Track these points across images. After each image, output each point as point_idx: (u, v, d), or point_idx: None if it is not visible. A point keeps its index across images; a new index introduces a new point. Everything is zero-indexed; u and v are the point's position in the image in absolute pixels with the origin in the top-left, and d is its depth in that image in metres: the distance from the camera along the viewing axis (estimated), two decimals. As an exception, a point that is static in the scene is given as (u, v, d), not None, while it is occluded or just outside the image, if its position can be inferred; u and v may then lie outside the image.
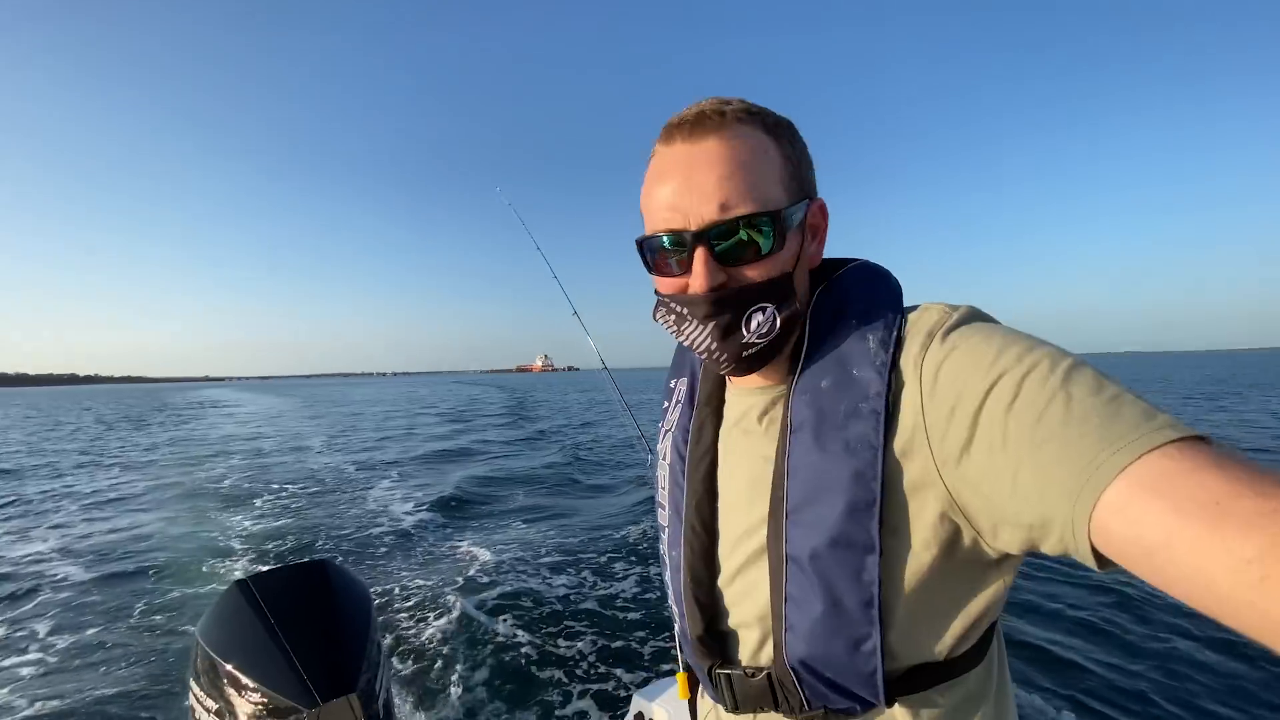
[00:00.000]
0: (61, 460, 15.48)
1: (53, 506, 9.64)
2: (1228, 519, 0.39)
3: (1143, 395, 0.51)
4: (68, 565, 6.63)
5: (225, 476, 12.10)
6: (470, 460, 13.84)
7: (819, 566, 0.63)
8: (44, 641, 4.77)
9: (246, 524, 8.14)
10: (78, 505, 9.71)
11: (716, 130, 0.65)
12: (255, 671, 1.52)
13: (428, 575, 5.98)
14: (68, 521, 8.58)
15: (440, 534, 7.61)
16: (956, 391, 0.57)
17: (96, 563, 6.69)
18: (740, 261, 0.66)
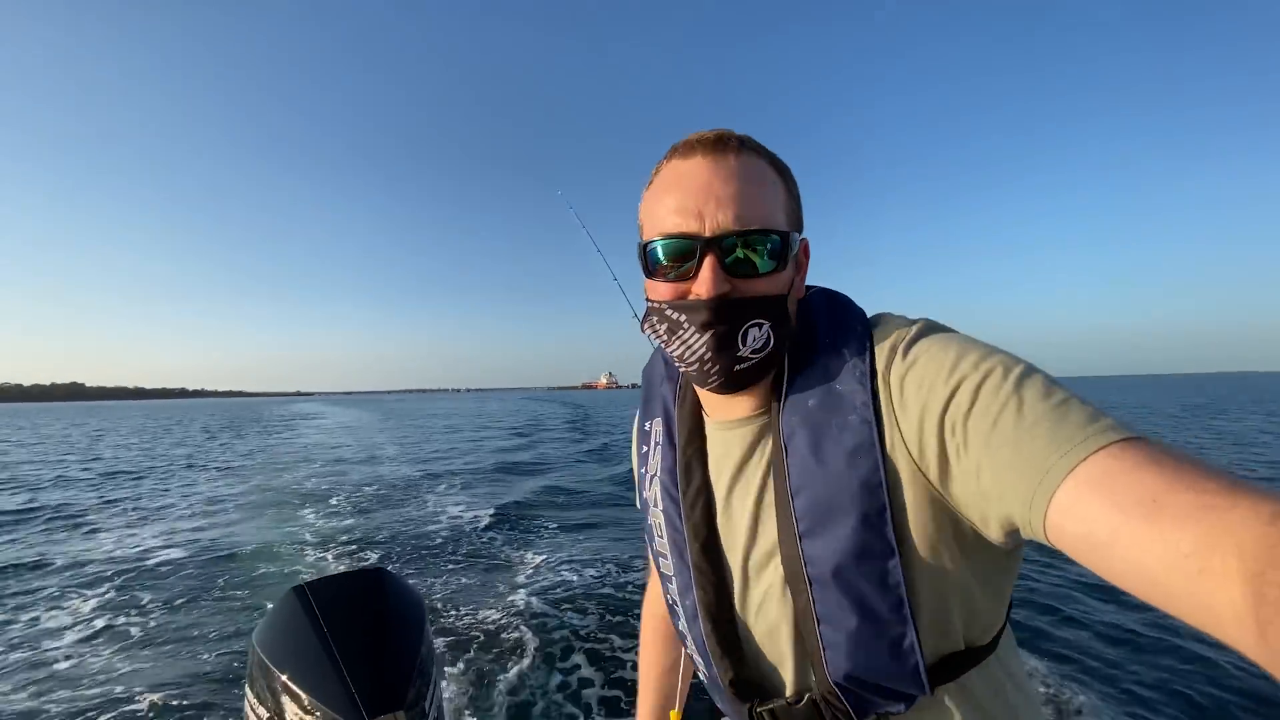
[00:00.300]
0: (171, 464, 17.27)
1: (160, 504, 10.62)
2: (1164, 514, 0.41)
3: (1088, 400, 0.53)
4: (164, 555, 7.31)
5: (306, 479, 13.03)
6: (533, 472, 14.07)
7: (845, 582, 0.64)
8: (126, 625, 5.19)
9: (319, 523, 8.72)
10: (181, 503, 10.69)
11: (737, 152, 0.68)
12: (305, 682, 1.54)
13: (485, 583, 6.01)
14: (170, 517, 9.40)
15: (498, 542, 7.69)
16: (921, 402, 0.60)
17: (187, 555, 7.25)
18: (745, 275, 0.68)
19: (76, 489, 12.61)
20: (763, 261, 0.67)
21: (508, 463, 15.78)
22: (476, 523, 8.60)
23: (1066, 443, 0.48)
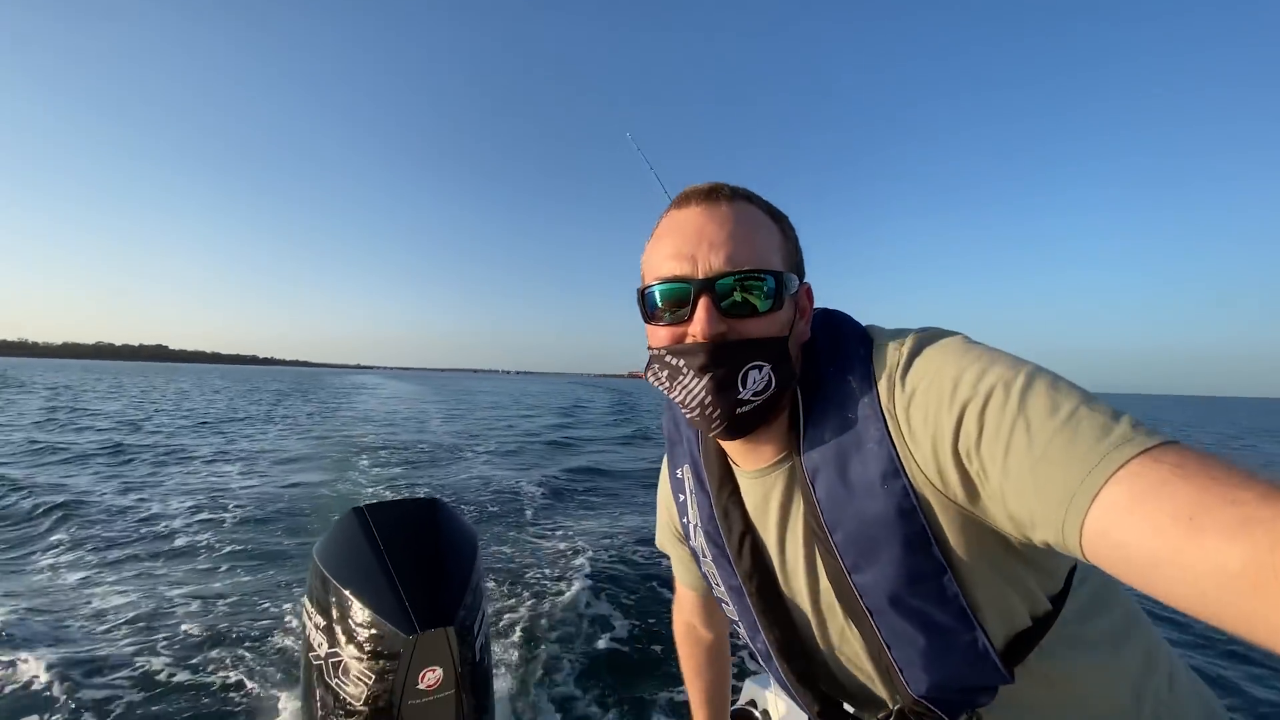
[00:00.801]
0: (250, 417, 20.03)
1: (237, 449, 12.17)
2: (1204, 531, 0.39)
3: (1097, 401, 0.51)
4: (243, 485, 8.59)
5: (362, 437, 14.48)
6: (573, 449, 14.36)
7: (904, 607, 0.64)
8: (201, 550, 5.70)
9: (373, 470, 9.89)
10: (257, 447, 12.41)
11: (729, 200, 0.70)
12: (362, 595, 1.68)
13: (526, 542, 6.17)
14: (249, 458, 11.00)
15: (539, 508, 7.92)
16: (930, 434, 0.59)
17: (260, 487, 8.43)
18: (741, 315, 0.67)
19: (176, 432, 14.79)
20: (759, 302, 0.67)
21: (549, 439, 16.13)
22: (517, 488, 8.98)
23: (1085, 463, 0.47)
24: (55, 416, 17.26)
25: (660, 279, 0.70)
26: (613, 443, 16.30)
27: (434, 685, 1.67)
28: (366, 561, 1.83)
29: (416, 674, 1.66)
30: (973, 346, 0.62)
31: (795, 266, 0.74)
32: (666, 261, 0.69)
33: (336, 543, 1.95)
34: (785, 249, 0.72)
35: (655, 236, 0.74)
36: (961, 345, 0.62)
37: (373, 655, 1.68)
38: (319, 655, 1.77)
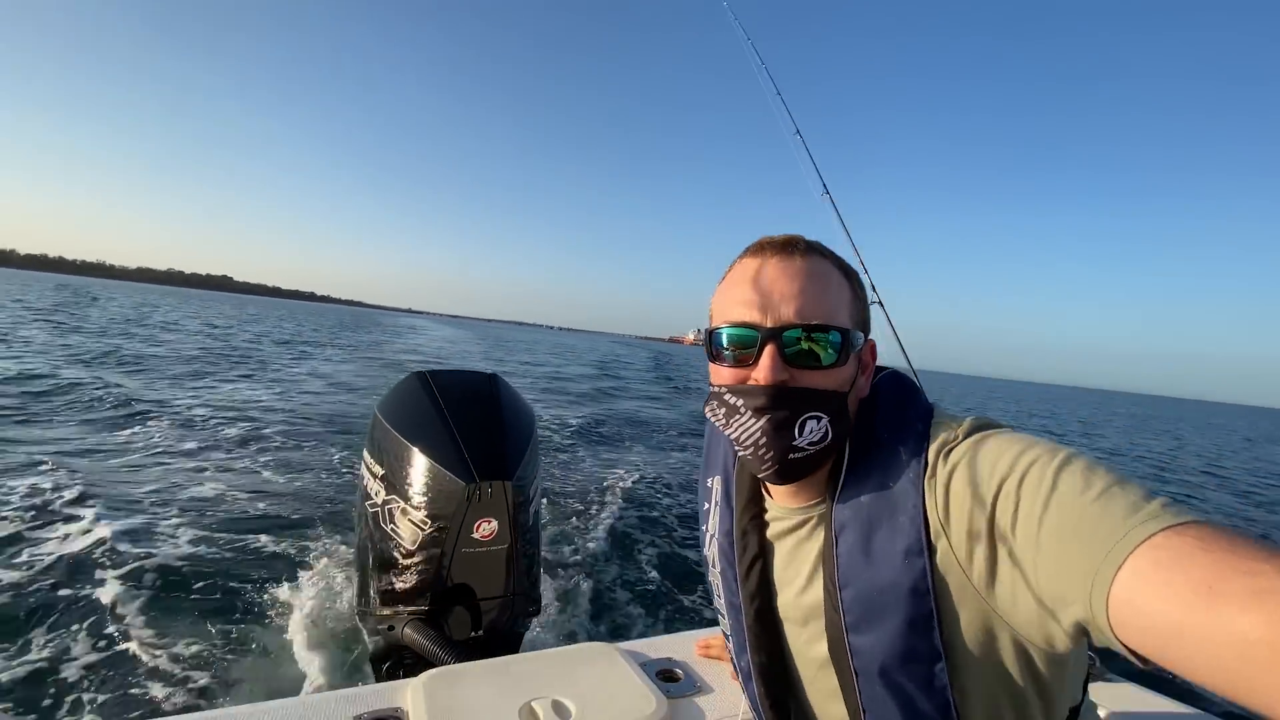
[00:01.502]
0: (311, 343, 23.55)
1: (301, 369, 14.18)
2: (1221, 601, 0.40)
3: (1132, 482, 0.52)
4: (311, 386, 10.50)
5: (411, 365, 15.50)
6: (610, 398, 15.11)
7: (890, 681, 0.64)
8: (260, 450, 6.44)
9: None
10: (312, 369, 14.45)
11: (804, 254, 0.72)
12: (422, 445, 1.72)
13: (564, 473, 6.68)
14: (307, 378, 12.80)
15: (579, 443, 8.53)
16: (966, 510, 0.59)
17: (323, 390, 10.65)
18: (805, 366, 0.69)
19: (254, 351, 17.48)
20: (824, 356, 0.68)
21: (588, 389, 16.86)
22: (560, 425, 9.54)
23: (1112, 537, 0.48)
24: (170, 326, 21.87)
25: (729, 322, 0.72)
26: (644, 397, 17.00)
27: (488, 536, 1.67)
28: (428, 417, 1.84)
29: (472, 523, 1.66)
30: (1020, 435, 0.63)
31: (862, 323, 0.75)
32: (737, 307, 0.71)
33: (399, 399, 1.97)
34: (854, 306, 0.74)
35: (728, 281, 0.76)
36: (1010, 433, 0.64)
37: (429, 502, 1.69)
38: (375, 503, 1.79)
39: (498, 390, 2.05)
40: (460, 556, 1.68)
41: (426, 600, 1.69)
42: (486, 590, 1.73)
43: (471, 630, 1.74)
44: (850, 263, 0.78)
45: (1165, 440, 24.02)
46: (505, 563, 1.73)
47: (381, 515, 1.79)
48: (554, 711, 0.98)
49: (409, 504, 1.74)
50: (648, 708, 1.01)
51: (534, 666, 1.12)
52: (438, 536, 1.70)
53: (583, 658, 1.17)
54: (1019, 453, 0.58)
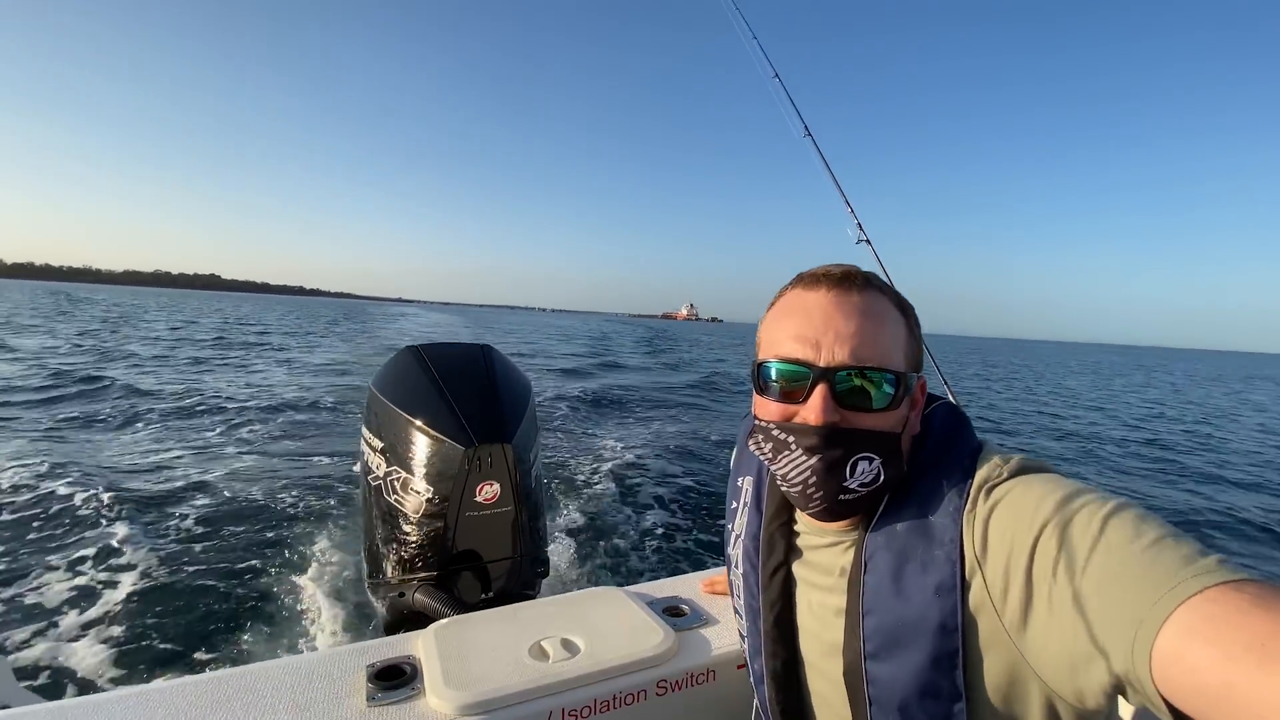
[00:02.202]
0: (310, 334, 25.03)
1: (289, 357, 14.69)
2: (1276, 662, 0.38)
3: (1184, 536, 0.50)
4: (314, 364, 11.35)
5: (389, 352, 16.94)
6: (605, 372, 15.57)
7: (907, 714, 0.63)
8: (255, 431, 6.71)
9: None
10: (303, 356, 15.08)
11: (861, 290, 0.69)
12: (420, 414, 1.73)
13: (564, 442, 6.95)
14: (299, 364, 13.78)
15: (576, 415, 8.80)
16: (1006, 549, 0.58)
17: (321, 371, 11.13)
18: (856, 408, 0.67)
19: (257, 344, 18.53)
20: (877, 397, 0.66)
21: (582, 365, 17.21)
22: (556, 399, 9.82)
23: (1161, 587, 0.45)
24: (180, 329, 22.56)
25: (781, 358, 0.69)
26: (646, 369, 17.44)
27: (491, 499, 1.69)
28: (423, 388, 1.84)
29: (474, 487, 1.68)
30: (1069, 480, 0.61)
31: (916, 362, 0.73)
32: (789, 341, 0.69)
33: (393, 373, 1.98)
34: (909, 345, 0.71)
35: (779, 310, 0.73)
36: (1057, 476, 0.62)
37: (430, 470, 1.71)
38: (378, 476, 1.81)
39: (491, 359, 2.05)
40: (465, 521, 1.70)
41: (435, 566, 1.71)
42: (493, 553, 1.76)
43: (482, 594, 1.76)
44: (838, 203, 0.77)
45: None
46: (510, 525, 1.75)
47: (385, 487, 1.80)
48: (563, 648, 1.01)
49: (410, 474, 1.75)
50: (655, 639, 1.04)
51: (542, 610, 1.15)
52: (441, 503, 1.71)
53: (590, 600, 1.20)
54: (1067, 496, 0.56)
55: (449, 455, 1.68)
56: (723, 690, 1.05)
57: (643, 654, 1.01)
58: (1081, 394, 19.78)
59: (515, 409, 1.88)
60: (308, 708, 0.87)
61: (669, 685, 1.01)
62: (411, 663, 0.98)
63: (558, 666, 0.96)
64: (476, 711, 0.87)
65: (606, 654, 1.00)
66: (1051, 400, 17.24)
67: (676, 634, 1.08)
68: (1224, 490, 7.31)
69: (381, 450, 1.81)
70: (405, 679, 0.93)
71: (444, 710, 0.87)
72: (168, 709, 0.85)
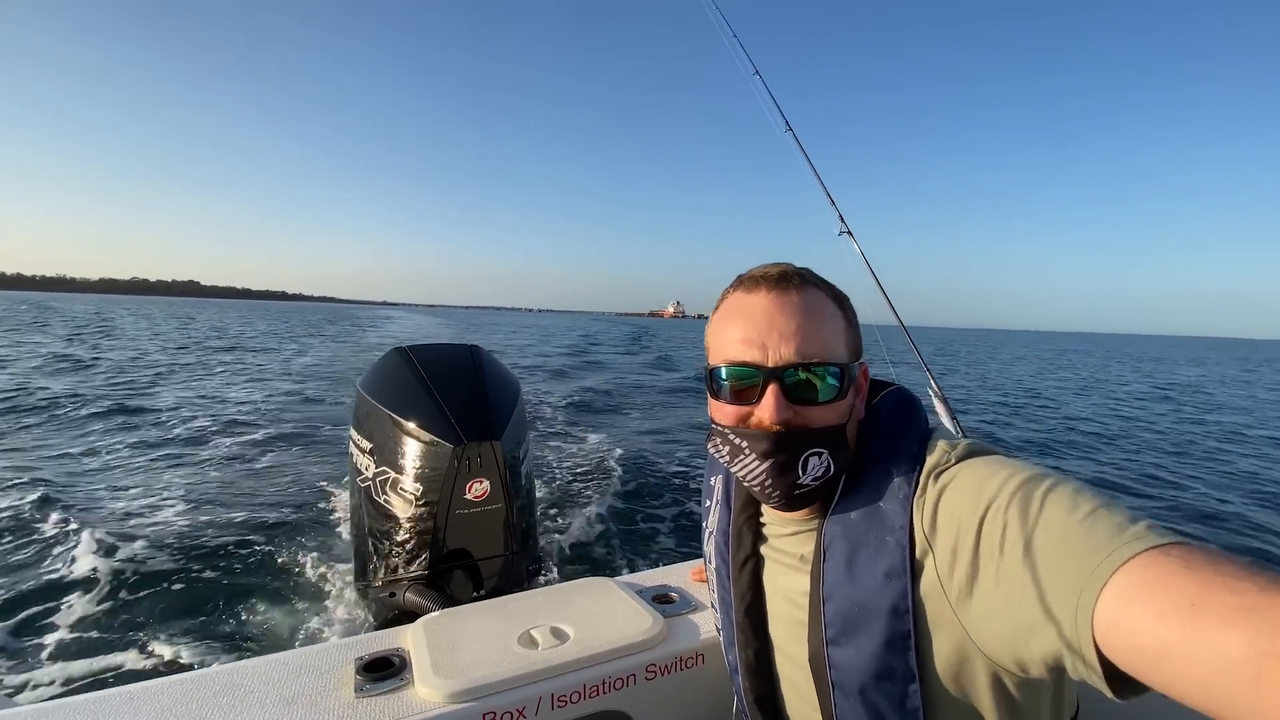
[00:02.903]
0: (294, 337, 25.20)
1: (272, 364, 14.56)
2: (1204, 619, 0.40)
3: (1119, 505, 0.53)
4: (300, 365, 11.23)
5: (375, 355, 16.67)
6: (589, 371, 15.60)
7: (865, 698, 0.66)
8: (238, 437, 6.65)
9: None
10: (284, 363, 14.92)
11: (799, 288, 0.71)
12: (408, 414, 1.72)
13: (550, 444, 6.92)
14: (305, 357, 14.19)
15: (563, 415, 8.77)
16: (954, 531, 0.60)
17: (311, 370, 11.19)
18: (806, 402, 0.69)
19: (245, 348, 18.48)
20: (823, 389, 0.69)
21: (567, 364, 17.19)
22: (545, 399, 9.81)
23: (1097, 555, 0.48)
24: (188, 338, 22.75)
25: (730, 362, 0.72)
26: (631, 367, 17.47)
27: (481, 497, 1.69)
28: (411, 388, 1.84)
29: (464, 485, 1.68)
30: (1011, 460, 0.64)
31: (856, 350, 0.76)
32: (736, 345, 0.71)
33: (380, 375, 1.97)
34: (849, 335, 0.74)
35: (723, 316, 0.75)
36: (1001, 458, 0.65)
37: (420, 469, 1.70)
38: (366, 478, 1.80)
39: (479, 359, 2.05)
40: (455, 519, 1.70)
41: (425, 565, 1.71)
42: (484, 551, 1.76)
43: (474, 591, 1.76)
44: (820, 196, 0.77)
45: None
46: (501, 522, 1.75)
47: (374, 488, 1.79)
48: (552, 635, 1.02)
49: (400, 474, 1.74)
50: (644, 624, 1.05)
51: (532, 601, 1.16)
52: (431, 502, 1.71)
53: (580, 590, 1.21)
54: (1008, 476, 0.59)
55: (438, 454, 1.67)
56: (711, 674, 1.07)
57: (632, 639, 1.02)
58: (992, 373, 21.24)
59: (504, 407, 1.88)
60: (295, 701, 0.87)
61: (658, 669, 1.02)
62: (400, 655, 0.98)
63: (547, 653, 0.97)
64: (465, 699, 0.88)
65: (596, 640, 1.01)
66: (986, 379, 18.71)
67: (665, 620, 1.09)
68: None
69: (370, 451, 1.81)
70: (394, 670, 0.94)
71: (433, 699, 0.87)
72: (152, 707, 0.84)
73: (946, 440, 0.70)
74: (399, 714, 0.85)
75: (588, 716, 0.96)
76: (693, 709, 1.06)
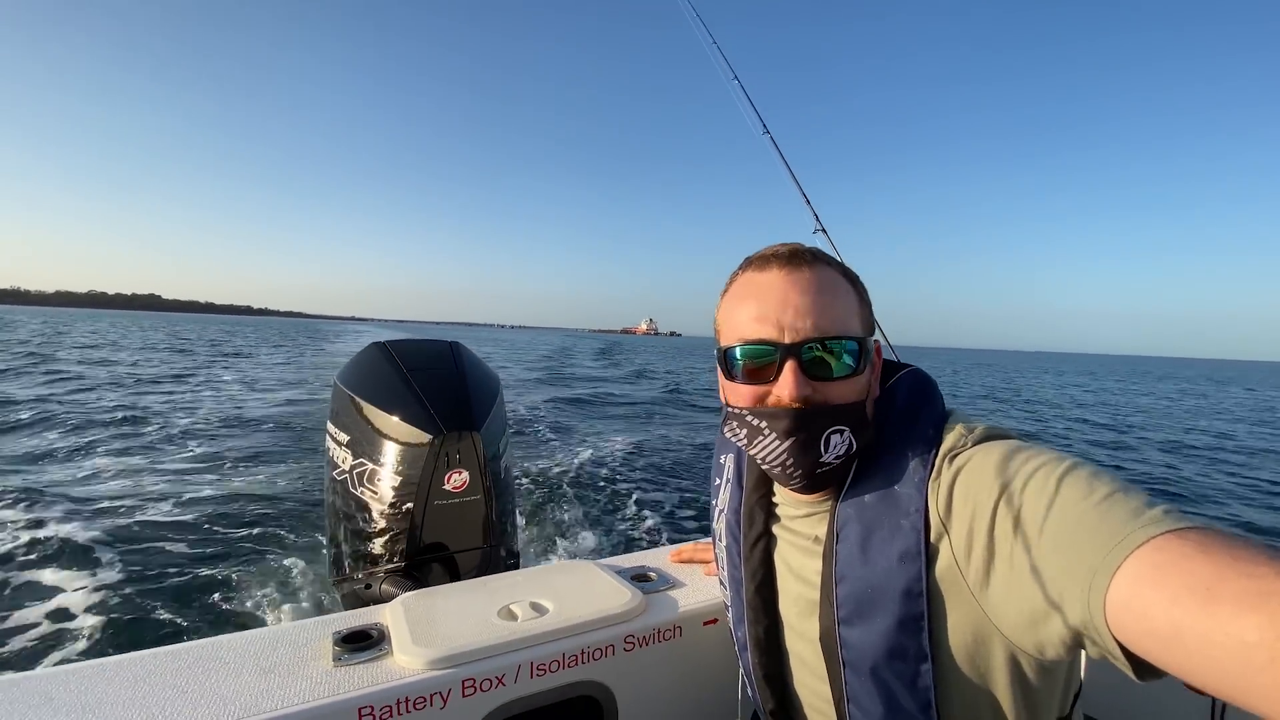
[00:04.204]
0: (260, 350, 25.97)
1: (245, 376, 15.05)
2: (1220, 602, 0.40)
3: (1136, 490, 0.53)
4: (254, 400, 10.75)
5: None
6: (563, 383, 15.78)
7: (877, 675, 0.66)
8: (220, 450, 6.50)
9: None
10: (259, 374, 14.98)
11: (810, 265, 0.72)
12: (387, 406, 1.71)
13: (529, 451, 7.00)
14: (254, 382, 13.89)
15: (541, 424, 8.97)
16: (969, 513, 0.60)
17: (266, 399, 10.51)
18: (825, 379, 0.69)
19: (209, 362, 18.85)
20: (840, 365, 0.69)
21: (543, 376, 17.43)
22: (523, 408, 9.99)
23: (1112, 539, 0.48)
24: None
25: (745, 340, 0.71)
26: (597, 379, 17.64)
27: (460, 488, 1.69)
28: (391, 380, 1.83)
29: (443, 476, 1.67)
30: (1028, 444, 0.64)
31: (869, 327, 0.76)
32: (750, 324, 0.71)
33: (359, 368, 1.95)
34: (861, 311, 0.74)
35: (734, 296, 0.75)
36: (1017, 442, 0.65)
37: (398, 460, 1.69)
38: (344, 470, 1.78)
39: (459, 354, 2.04)
40: (433, 510, 1.69)
41: (402, 557, 1.69)
42: (462, 542, 1.74)
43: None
44: (797, 197, 0.80)
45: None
46: (479, 513, 1.75)
47: (350, 480, 1.77)
48: (532, 609, 1.02)
49: (378, 465, 1.73)
50: (623, 598, 1.07)
51: (511, 580, 1.17)
52: (409, 492, 1.70)
53: (560, 570, 1.22)
54: (1025, 459, 0.59)
55: (417, 443, 1.67)
56: (688, 645, 1.09)
57: (611, 611, 1.04)
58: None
59: (484, 401, 1.88)
60: (272, 670, 0.86)
61: (636, 641, 1.04)
62: (378, 628, 0.98)
63: (526, 624, 0.98)
64: (445, 665, 0.88)
65: (575, 613, 1.02)
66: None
67: (644, 595, 1.11)
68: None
69: (348, 444, 1.79)
70: (372, 641, 0.94)
71: (412, 666, 0.88)
72: (126, 678, 0.83)
73: (964, 423, 0.70)
74: (378, 681, 0.85)
75: (567, 685, 0.97)
76: (670, 680, 1.08)
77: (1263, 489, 7.88)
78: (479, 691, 0.89)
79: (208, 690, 0.81)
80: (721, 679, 1.11)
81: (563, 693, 0.97)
